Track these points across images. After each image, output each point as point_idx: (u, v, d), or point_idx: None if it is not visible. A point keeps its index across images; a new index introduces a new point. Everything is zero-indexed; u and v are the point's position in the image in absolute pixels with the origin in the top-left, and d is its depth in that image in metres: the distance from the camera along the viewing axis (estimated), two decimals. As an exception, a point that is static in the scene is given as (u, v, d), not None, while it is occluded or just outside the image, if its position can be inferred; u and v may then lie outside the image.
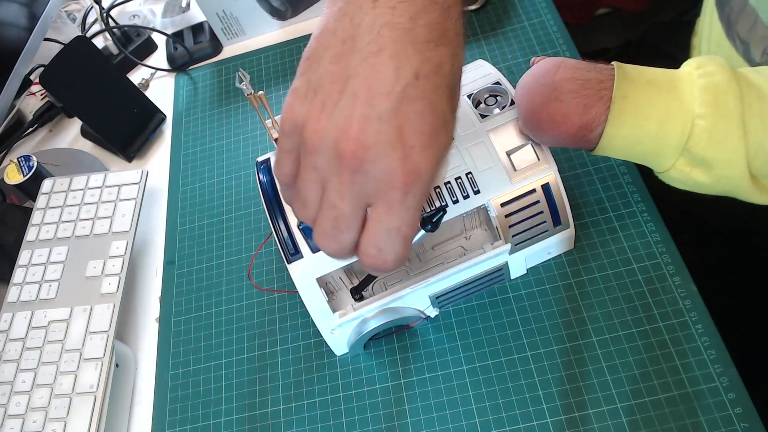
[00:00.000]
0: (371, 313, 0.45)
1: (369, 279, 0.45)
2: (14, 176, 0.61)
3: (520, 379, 0.45)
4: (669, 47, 0.65)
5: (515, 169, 0.43)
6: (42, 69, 0.61)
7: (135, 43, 0.76)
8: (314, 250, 0.43)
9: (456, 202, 0.43)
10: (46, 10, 0.66)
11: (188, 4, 0.78)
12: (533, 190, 0.43)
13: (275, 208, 0.44)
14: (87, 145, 0.71)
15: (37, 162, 0.62)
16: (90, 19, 0.81)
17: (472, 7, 0.67)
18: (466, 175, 0.43)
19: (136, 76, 0.76)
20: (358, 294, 0.46)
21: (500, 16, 0.66)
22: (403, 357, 0.48)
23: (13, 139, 0.73)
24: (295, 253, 0.43)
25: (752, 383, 0.42)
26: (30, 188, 0.61)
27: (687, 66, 0.40)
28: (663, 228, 0.49)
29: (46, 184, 0.61)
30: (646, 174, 0.51)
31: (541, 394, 0.45)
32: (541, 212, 0.44)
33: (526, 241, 0.46)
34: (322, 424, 0.47)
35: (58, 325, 0.52)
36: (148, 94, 0.72)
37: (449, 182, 0.43)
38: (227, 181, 0.63)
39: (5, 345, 0.52)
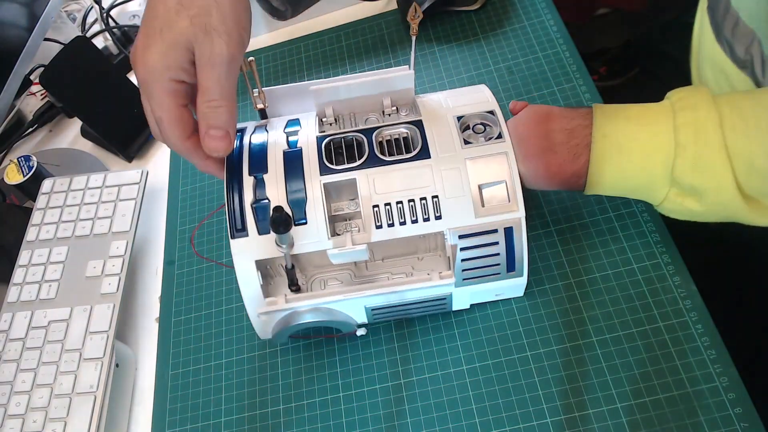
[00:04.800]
0: (302, 309, 0.44)
1: (290, 273, 0.44)
2: (14, 176, 0.61)
3: (520, 379, 0.45)
4: (669, 48, 0.65)
5: (483, 205, 0.42)
6: (42, 69, 0.61)
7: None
8: (261, 232, 0.42)
9: (415, 222, 0.42)
10: (46, 10, 0.66)
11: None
12: (495, 230, 0.42)
13: (234, 180, 0.43)
14: (87, 145, 0.71)
15: (37, 162, 0.62)
16: (90, 19, 0.81)
17: (473, 7, 0.67)
18: (432, 197, 0.42)
19: (136, 76, 0.76)
20: (294, 286, 0.45)
21: (500, 16, 0.66)
22: (403, 357, 0.48)
23: (13, 139, 0.73)
24: (241, 230, 0.42)
25: (752, 383, 0.42)
26: (30, 188, 0.61)
27: (667, 98, 0.41)
28: (663, 228, 0.49)
29: (46, 184, 0.61)
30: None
31: (541, 394, 0.45)
32: (498, 254, 0.43)
33: (475, 278, 0.44)
34: (322, 424, 0.47)
35: (58, 325, 0.52)
36: (148, 94, 0.72)
37: (413, 201, 0.42)
38: (227, 181, 0.63)
39: (5, 345, 0.52)
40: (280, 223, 0.37)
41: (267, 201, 0.42)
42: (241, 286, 0.44)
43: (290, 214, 0.42)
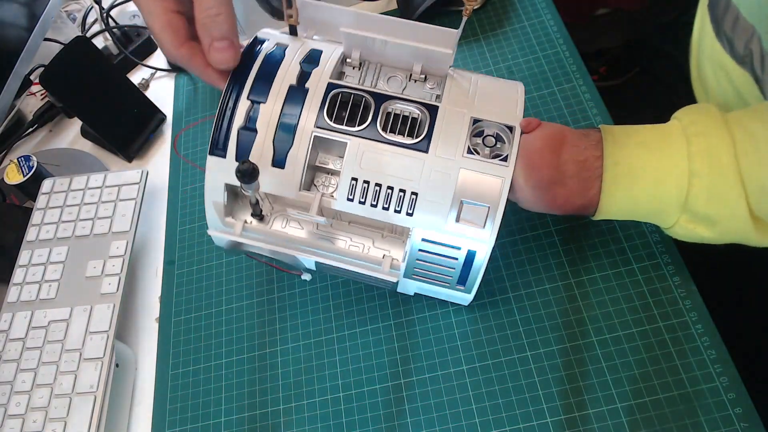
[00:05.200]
0: (256, 240, 0.44)
1: (254, 207, 0.43)
2: (14, 176, 0.61)
3: (519, 379, 0.45)
4: (669, 48, 0.65)
5: (457, 220, 0.40)
6: (42, 69, 0.61)
7: (135, 43, 0.76)
8: (239, 158, 0.41)
9: (386, 209, 0.41)
10: (46, 10, 0.66)
11: (188, 4, 0.78)
12: (459, 248, 0.41)
13: (231, 97, 0.42)
14: (87, 145, 0.71)
15: (37, 162, 0.62)
16: (90, 19, 0.81)
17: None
18: (412, 193, 0.40)
19: (136, 76, 0.76)
20: (258, 216, 0.44)
21: (500, 16, 0.66)
22: (403, 357, 0.48)
23: (13, 139, 0.73)
24: (221, 150, 0.41)
25: (752, 383, 0.42)
26: (30, 188, 0.61)
27: (676, 120, 0.40)
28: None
29: (46, 184, 0.61)
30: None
31: (541, 394, 0.45)
32: (453, 269, 0.42)
33: (424, 279, 0.44)
34: (322, 424, 0.47)
35: (58, 325, 0.52)
36: (148, 94, 0.73)
37: (392, 188, 0.41)
38: (227, 181, 0.63)
39: (5, 345, 0.52)
40: (245, 175, 0.37)
41: (254, 132, 0.41)
42: (206, 201, 0.43)
43: (257, 167, 0.39)
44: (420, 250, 0.42)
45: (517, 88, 0.44)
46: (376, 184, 0.41)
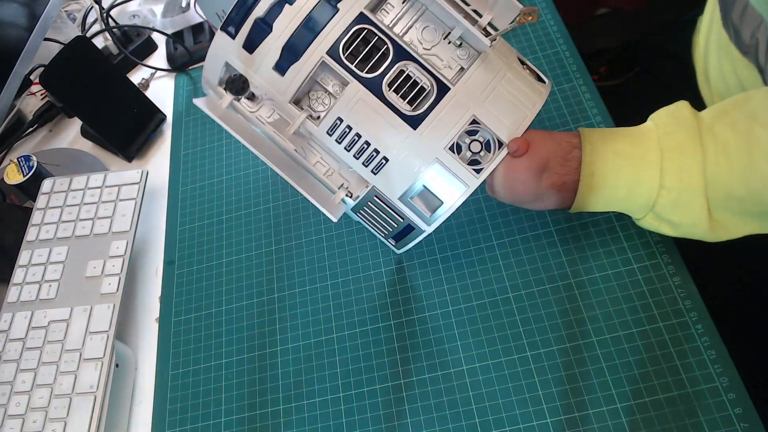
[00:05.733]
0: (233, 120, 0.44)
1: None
2: (14, 176, 0.61)
3: (519, 379, 0.45)
4: (672, 46, 0.65)
5: (411, 198, 0.43)
6: (42, 69, 0.61)
7: (135, 43, 0.76)
8: (246, 46, 0.41)
9: (356, 158, 0.42)
10: (46, 10, 0.66)
11: (188, 4, 0.78)
12: (402, 219, 0.44)
13: None
14: (87, 145, 0.71)
15: (37, 162, 0.62)
16: (90, 19, 0.81)
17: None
18: (383, 158, 0.42)
19: (136, 76, 0.76)
20: (239, 94, 0.43)
21: (500, 16, 0.66)
22: (403, 357, 0.48)
23: (13, 139, 0.73)
24: (232, 30, 0.41)
25: (752, 383, 0.42)
26: (30, 188, 0.61)
27: (652, 125, 0.42)
28: (663, 228, 0.49)
29: (46, 184, 0.61)
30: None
31: (541, 394, 0.45)
32: (391, 229, 0.45)
33: (365, 222, 0.46)
34: (322, 424, 0.47)
35: (58, 325, 0.52)
36: (148, 94, 0.73)
37: (368, 144, 0.41)
38: (227, 181, 0.63)
39: (5, 345, 0.52)
40: (233, 89, 0.38)
41: (269, 29, 0.41)
42: (206, 64, 0.44)
43: (246, 85, 0.41)
44: (371, 202, 0.44)
45: (536, 101, 0.43)
46: (357, 134, 0.41)
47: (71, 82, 0.63)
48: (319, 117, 0.42)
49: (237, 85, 0.40)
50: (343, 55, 0.40)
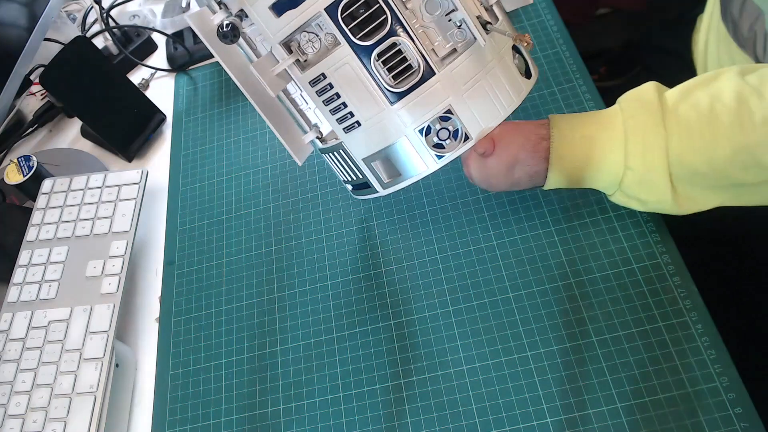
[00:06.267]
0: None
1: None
2: (14, 176, 0.61)
3: (520, 379, 0.45)
4: (672, 44, 0.65)
5: (372, 161, 0.45)
6: (42, 69, 0.61)
7: (135, 43, 0.76)
8: None
9: (331, 113, 0.43)
10: (46, 11, 0.66)
11: (188, 4, 0.78)
12: (361, 177, 0.47)
13: None
14: (87, 145, 0.71)
15: (37, 162, 0.62)
16: (90, 19, 0.81)
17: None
18: (355, 122, 0.43)
19: (136, 76, 0.76)
20: (226, 31, 0.42)
21: (500, 16, 0.66)
22: (403, 357, 0.48)
23: (13, 139, 0.73)
24: None
25: (752, 383, 0.42)
26: (30, 188, 0.61)
27: (618, 108, 0.44)
28: (663, 228, 0.49)
29: (46, 184, 0.61)
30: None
31: (541, 394, 0.45)
32: (352, 180, 0.49)
33: (332, 162, 0.49)
34: (322, 424, 0.47)
35: (58, 325, 0.52)
36: (148, 94, 0.73)
37: (344, 105, 0.42)
38: (227, 181, 0.63)
39: (5, 345, 0.52)
40: (224, 36, 0.39)
41: None
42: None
43: (237, 33, 0.41)
44: (337, 153, 0.47)
45: (514, 101, 0.44)
46: (337, 94, 0.42)
47: (71, 83, 0.63)
48: (306, 62, 0.43)
49: (227, 34, 0.39)
50: (342, 14, 0.40)
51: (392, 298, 0.51)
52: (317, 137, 0.47)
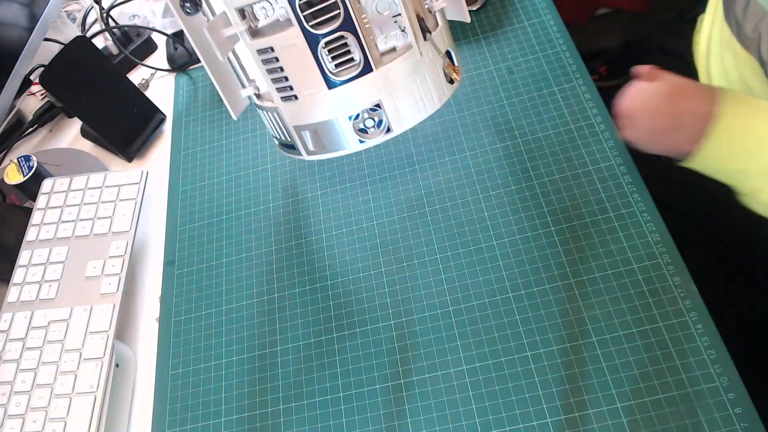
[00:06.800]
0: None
1: None
2: (14, 176, 0.61)
3: (520, 379, 0.45)
4: (673, 44, 0.65)
5: (302, 131, 0.49)
6: (42, 69, 0.61)
7: (135, 43, 0.76)
8: None
9: (273, 82, 0.46)
10: (46, 11, 0.66)
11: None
12: (291, 139, 0.51)
13: None
14: (87, 145, 0.71)
15: (37, 162, 0.62)
16: (90, 19, 0.81)
17: (472, 7, 0.66)
18: (294, 95, 0.46)
19: (136, 76, 0.76)
20: (188, 11, 0.46)
21: (500, 16, 0.66)
22: (403, 357, 0.48)
23: (13, 139, 0.73)
24: None
25: (752, 383, 0.42)
26: (30, 188, 0.61)
27: None
28: (663, 228, 0.49)
29: (46, 184, 0.61)
30: (646, 174, 0.52)
31: (541, 394, 0.45)
32: (280, 139, 0.52)
33: (265, 118, 0.52)
34: (322, 424, 0.47)
35: (58, 325, 0.52)
36: (148, 94, 0.72)
37: (287, 78, 0.45)
38: (227, 181, 0.63)
39: (5, 345, 0.52)
40: (182, 5, 0.42)
41: None
42: None
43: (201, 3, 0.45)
44: (271, 113, 0.50)
45: (434, 106, 0.49)
46: (281, 67, 0.45)
47: (71, 83, 0.63)
48: (257, 30, 0.46)
49: (189, 7, 0.43)
50: (299, 0, 0.42)
51: (392, 298, 0.51)
52: (255, 93, 0.51)
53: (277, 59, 0.45)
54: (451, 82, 0.50)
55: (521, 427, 0.44)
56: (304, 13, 0.42)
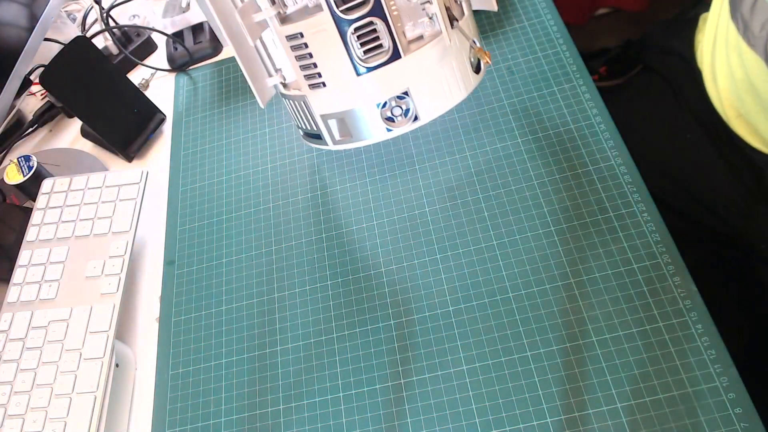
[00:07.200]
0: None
1: None
2: (14, 176, 0.61)
3: (520, 379, 0.45)
4: (674, 44, 0.65)
5: (329, 119, 0.50)
6: (42, 69, 0.61)
7: (135, 43, 0.76)
8: None
9: (301, 69, 0.46)
10: (46, 11, 0.66)
11: (188, 4, 0.78)
12: (317, 128, 0.51)
13: None
14: (87, 145, 0.71)
15: (37, 162, 0.62)
16: (90, 19, 0.81)
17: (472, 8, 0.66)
18: (322, 83, 0.46)
19: (136, 76, 0.76)
20: None
21: (500, 16, 0.66)
22: (403, 357, 0.48)
23: (13, 139, 0.73)
24: None
25: (752, 383, 0.42)
26: (30, 188, 0.61)
27: None
28: (663, 228, 0.49)
29: (46, 184, 0.61)
30: (646, 174, 0.51)
31: (541, 394, 0.45)
32: (305, 129, 0.53)
33: (290, 107, 0.52)
34: (322, 424, 0.47)
35: (58, 325, 0.52)
36: (148, 94, 0.73)
37: (315, 65, 0.45)
38: (227, 181, 0.63)
39: (5, 345, 0.52)
40: None
41: None
42: None
43: None
44: (297, 102, 0.51)
45: (462, 95, 0.49)
46: (309, 53, 0.45)
47: (71, 82, 0.63)
48: (286, 16, 0.46)
49: None
50: None
51: (392, 298, 0.51)
52: (281, 82, 0.51)
53: (306, 45, 0.45)
54: (478, 71, 0.50)
55: (521, 427, 0.44)
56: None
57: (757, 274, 0.54)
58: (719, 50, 0.53)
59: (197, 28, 0.76)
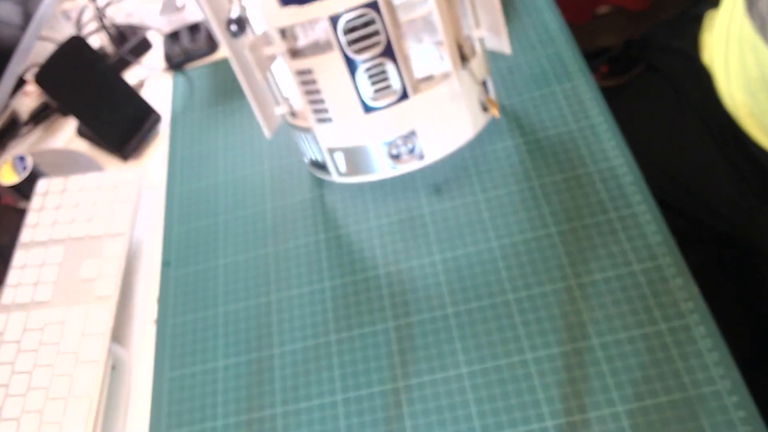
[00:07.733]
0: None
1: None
2: (9, 177, 0.61)
3: (520, 382, 0.45)
4: (678, 42, 0.64)
5: (335, 152, 0.50)
6: (37, 68, 0.60)
7: (131, 43, 0.76)
8: None
9: (309, 102, 0.46)
10: (40, 9, 0.66)
11: (184, 4, 0.78)
12: (322, 160, 0.52)
13: None
14: (82, 145, 0.71)
15: (33, 162, 0.61)
16: (85, 18, 0.80)
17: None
18: (329, 118, 0.46)
19: (132, 76, 0.75)
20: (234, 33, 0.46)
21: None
22: (402, 360, 0.48)
23: (8, 139, 0.73)
24: None
25: (755, 387, 0.41)
26: (25, 189, 0.61)
27: None
28: (664, 229, 0.49)
29: (42, 185, 0.60)
30: (647, 174, 0.51)
31: (542, 398, 0.44)
32: (311, 158, 0.54)
33: (298, 137, 0.52)
34: (320, 427, 0.47)
35: (54, 327, 0.51)
36: (143, 93, 0.72)
37: (322, 102, 0.45)
38: (225, 181, 0.62)
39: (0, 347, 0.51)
40: (234, 23, 0.42)
41: None
42: None
43: (244, 23, 0.44)
44: (304, 133, 0.51)
45: (467, 135, 0.49)
46: (318, 89, 0.46)
47: (66, 82, 0.62)
48: (296, 51, 0.46)
49: (236, 25, 0.43)
50: (343, 26, 0.42)
51: (392, 300, 0.51)
52: (289, 112, 0.51)
53: (315, 81, 0.45)
54: (486, 109, 0.50)
55: (521, 431, 0.43)
56: (347, 40, 0.42)
57: (759, 275, 0.54)
58: (732, 47, 0.53)
59: (194, 28, 0.76)
